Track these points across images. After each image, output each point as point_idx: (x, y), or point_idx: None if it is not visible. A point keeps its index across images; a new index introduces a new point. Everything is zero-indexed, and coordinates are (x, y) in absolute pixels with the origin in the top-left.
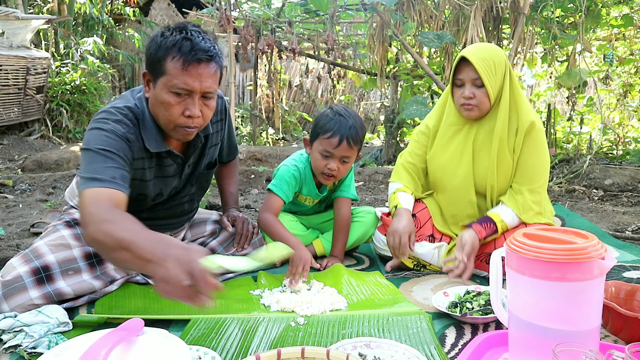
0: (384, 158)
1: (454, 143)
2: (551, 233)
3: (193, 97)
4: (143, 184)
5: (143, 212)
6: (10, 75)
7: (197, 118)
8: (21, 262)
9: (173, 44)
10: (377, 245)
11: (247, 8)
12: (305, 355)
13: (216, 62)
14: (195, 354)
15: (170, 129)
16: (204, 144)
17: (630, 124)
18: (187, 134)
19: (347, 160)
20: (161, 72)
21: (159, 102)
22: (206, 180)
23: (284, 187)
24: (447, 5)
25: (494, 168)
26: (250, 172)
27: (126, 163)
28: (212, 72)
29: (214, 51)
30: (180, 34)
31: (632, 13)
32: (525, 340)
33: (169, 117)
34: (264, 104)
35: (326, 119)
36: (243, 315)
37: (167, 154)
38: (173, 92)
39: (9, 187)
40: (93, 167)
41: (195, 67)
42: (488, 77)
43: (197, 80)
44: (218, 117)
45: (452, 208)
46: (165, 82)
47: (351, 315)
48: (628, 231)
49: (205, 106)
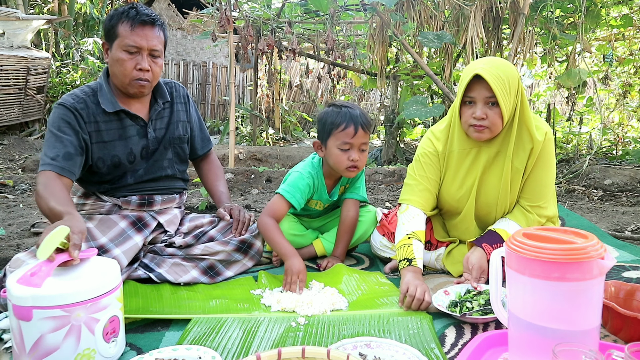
0: (383, 158)
1: (462, 170)
2: (551, 233)
3: (142, 54)
4: (107, 145)
5: (127, 176)
6: (11, 75)
7: (147, 72)
8: (30, 257)
9: (122, 12)
10: (375, 246)
11: (247, 8)
12: (306, 355)
13: (159, 27)
14: (195, 353)
15: (127, 84)
16: (171, 116)
17: (630, 124)
18: (141, 87)
19: (364, 148)
20: (115, 36)
21: (114, 61)
22: (181, 148)
23: (296, 195)
24: (447, 6)
25: (507, 193)
26: (250, 172)
27: (73, 132)
28: (157, 34)
29: (156, 18)
30: (127, 6)
31: (632, 13)
32: (524, 340)
33: (124, 72)
34: (264, 104)
35: (334, 115)
36: (244, 315)
37: (125, 114)
38: (125, 51)
39: (10, 187)
40: (44, 149)
41: (141, 28)
42: (503, 96)
43: (144, 39)
44: (181, 100)
45: (455, 230)
46: (118, 43)
47: (352, 316)
48: (627, 231)
49: (154, 63)
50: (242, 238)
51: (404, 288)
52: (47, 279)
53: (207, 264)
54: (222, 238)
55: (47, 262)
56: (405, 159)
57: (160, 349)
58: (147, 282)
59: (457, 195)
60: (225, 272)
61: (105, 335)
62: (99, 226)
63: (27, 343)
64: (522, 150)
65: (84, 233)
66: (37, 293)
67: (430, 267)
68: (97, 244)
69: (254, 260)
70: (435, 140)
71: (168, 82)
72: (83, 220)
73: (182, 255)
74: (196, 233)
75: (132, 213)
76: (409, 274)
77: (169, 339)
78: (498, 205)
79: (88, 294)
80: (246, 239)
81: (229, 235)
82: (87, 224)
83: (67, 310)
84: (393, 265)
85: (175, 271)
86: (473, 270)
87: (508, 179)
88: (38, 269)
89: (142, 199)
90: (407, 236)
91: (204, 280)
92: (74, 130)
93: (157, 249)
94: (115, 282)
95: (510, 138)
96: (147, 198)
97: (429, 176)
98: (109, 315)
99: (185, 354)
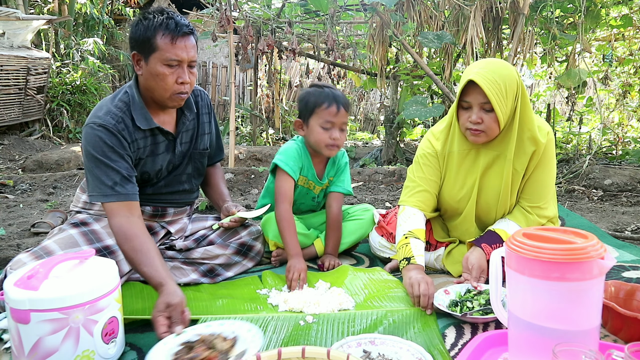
0: (383, 158)
1: (462, 171)
2: (551, 233)
3: (182, 67)
4: (141, 162)
5: (147, 187)
6: (11, 75)
7: (187, 84)
8: (31, 258)
9: (160, 23)
10: (374, 247)
11: (247, 8)
12: (306, 355)
13: (194, 35)
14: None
15: (167, 98)
16: (197, 129)
17: (630, 124)
18: (181, 100)
19: (344, 128)
20: (152, 49)
21: (153, 76)
22: (200, 162)
23: (290, 163)
24: (447, 6)
25: (507, 195)
26: (251, 172)
27: (120, 157)
28: (194, 44)
29: (192, 26)
30: (162, 15)
31: (632, 13)
32: (524, 339)
33: (165, 87)
34: (264, 104)
35: (316, 94)
36: (251, 315)
37: (158, 130)
38: (166, 65)
39: (10, 187)
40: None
41: (182, 40)
42: (498, 102)
43: (184, 51)
44: (206, 110)
45: (456, 231)
46: (158, 56)
47: (359, 314)
48: (627, 231)
49: (191, 74)
50: (242, 241)
51: (409, 290)
52: (44, 281)
53: (207, 267)
54: (223, 243)
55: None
56: (405, 159)
57: (194, 326)
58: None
59: (458, 196)
60: (225, 274)
61: (104, 337)
62: (106, 228)
63: (25, 346)
64: (523, 153)
65: (181, 305)
66: (35, 296)
67: (430, 267)
68: (103, 245)
69: (254, 262)
70: (434, 140)
71: (193, 89)
72: (179, 290)
73: (182, 259)
74: (197, 237)
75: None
76: (409, 272)
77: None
78: (498, 206)
79: (86, 296)
80: (246, 242)
81: (231, 239)
82: (94, 225)
83: (65, 313)
84: (393, 265)
85: (175, 274)
86: (472, 270)
87: (509, 181)
88: (35, 272)
89: (155, 210)
90: (404, 236)
91: (204, 281)
92: (120, 154)
93: None
94: (113, 284)
95: (510, 140)
96: (160, 210)
97: (428, 177)
98: (107, 316)
99: (220, 329)
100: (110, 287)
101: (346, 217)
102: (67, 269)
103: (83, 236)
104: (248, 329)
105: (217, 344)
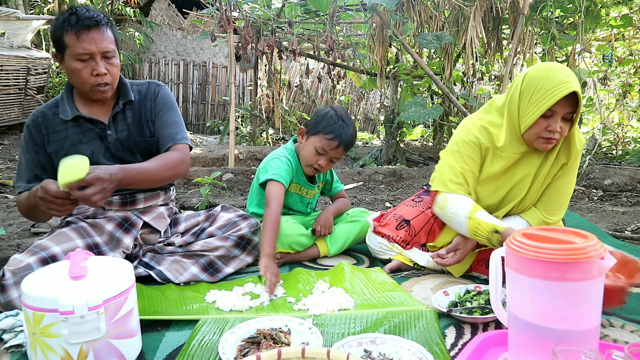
0: (383, 158)
1: (500, 177)
2: (551, 233)
3: (95, 59)
4: (69, 150)
5: None
6: (11, 75)
7: (104, 75)
8: (27, 255)
9: (63, 21)
10: (374, 249)
11: (247, 8)
12: (306, 355)
13: (105, 26)
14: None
15: (88, 91)
16: (139, 118)
17: (630, 124)
18: (102, 92)
19: (335, 161)
20: (63, 46)
21: (70, 71)
22: (148, 150)
23: (283, 174)
24: (447, 6)
25: (533, 198)
26: (250, 172)
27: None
28: (105, 35)
29: (99, 17)
30: (68, 12)
31: (632, 13)
32: (524, 339)
33: (82, 80)
34: (264, 104)
35: (330, 121)
36: (251, 315)
37: (84, 119)
38: (78, 59)
39: (10, 187)
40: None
41: (86, 33)
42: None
43: (92, 44)
44: (151, 100)
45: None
46: (69, 53)
47: (359, 314)
48: (627, 231)
49: (110, 65)
50: (241, 234)
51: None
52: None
53: (207, 260)
54: (221, 234)
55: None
56: (405, 159)
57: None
58: (148, 282)
59: (486, 202)
60: (224, 269)
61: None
62: (94, 226)
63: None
64: (561, 159)
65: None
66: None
67: (430, 267)
68: (94, 241)
69: (252, 256)
70: (479, 131)
71: (142, 82)
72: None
73: (182, 252)
74: (194, 231)
75: (116, 214)
76: (508, 232)
77: (170, 339)
78: (519, 206)
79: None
80: (245, 235)
81: (230, 231)
82: (81, 223)
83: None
84: (393, 265)
85: (175, 268)
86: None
87: (540, 186)
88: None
89: (123, 197)
90: (468, 219)
91: (204, 277)
92: (34, 147)
93: (157, 247)
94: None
95: (572, 148)
96: (128, 197)
97: (471, 169)
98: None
99: (269, 324)
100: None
101: (345, 218)
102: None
103: (75, 232)
104: (299, 322)
105: (281, 337)
